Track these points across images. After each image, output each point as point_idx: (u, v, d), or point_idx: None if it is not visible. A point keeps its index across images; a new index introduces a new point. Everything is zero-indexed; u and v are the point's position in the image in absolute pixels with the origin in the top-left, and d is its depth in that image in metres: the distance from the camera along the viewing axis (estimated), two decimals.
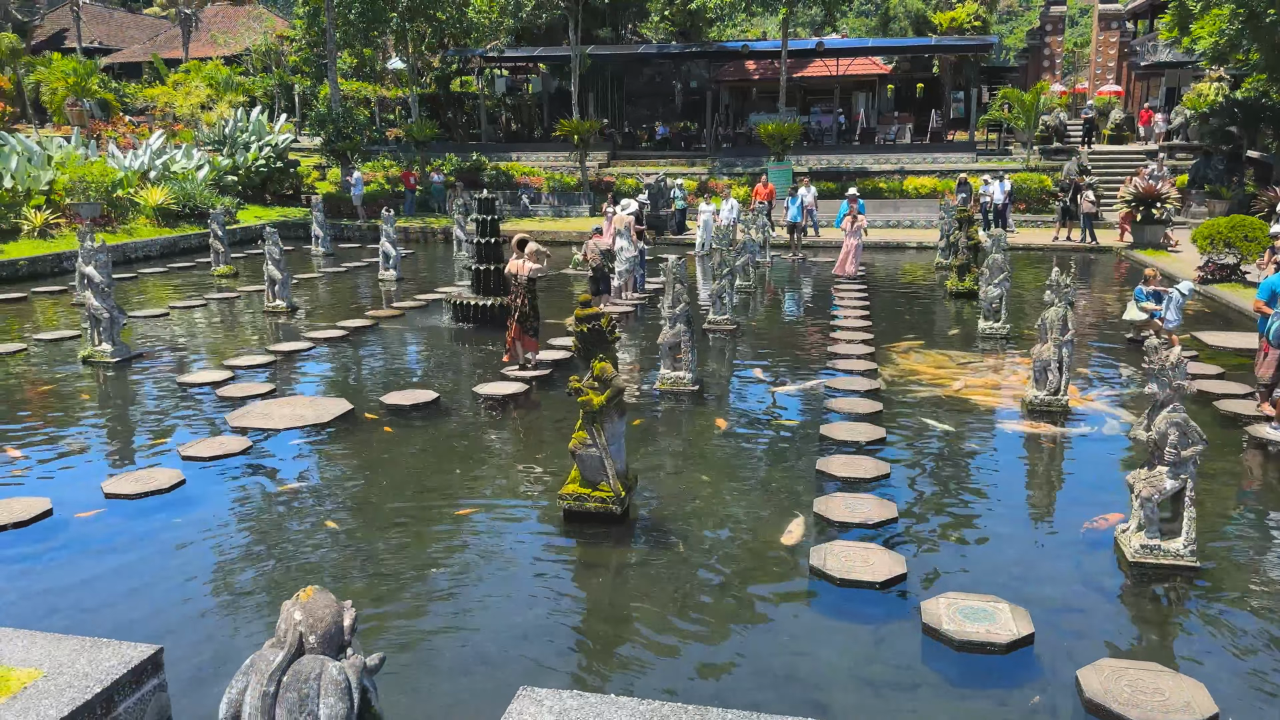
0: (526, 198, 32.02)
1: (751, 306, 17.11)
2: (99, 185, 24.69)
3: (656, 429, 9.79)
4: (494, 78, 43.29)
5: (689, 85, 44.17)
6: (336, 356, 13.03)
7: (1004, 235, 13.66)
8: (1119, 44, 42.58)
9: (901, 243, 25.45)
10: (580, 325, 7.26)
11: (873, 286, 18.69)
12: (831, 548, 6.51)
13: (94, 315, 12.30)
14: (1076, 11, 77.51)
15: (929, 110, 39.62)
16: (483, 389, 10.89)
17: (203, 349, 13.59)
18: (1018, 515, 7.49)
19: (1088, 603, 6.03)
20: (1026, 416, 9.84)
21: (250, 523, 7.32)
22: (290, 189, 33.02)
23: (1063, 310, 9.55)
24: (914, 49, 39.28)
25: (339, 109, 32.42)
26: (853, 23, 65.62)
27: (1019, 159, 31.78)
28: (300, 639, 3.77)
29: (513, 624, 5.78)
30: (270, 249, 15.88)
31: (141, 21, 58.33)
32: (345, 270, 21.71)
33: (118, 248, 22.18)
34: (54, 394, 11.16)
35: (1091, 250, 23.66)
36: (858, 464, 8.26)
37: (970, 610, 5.62)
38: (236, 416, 9.79)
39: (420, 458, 8.82)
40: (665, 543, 6.91)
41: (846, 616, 5.86)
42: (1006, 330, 13.54)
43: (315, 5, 32.91)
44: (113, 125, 36.37)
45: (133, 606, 5.96)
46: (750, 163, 32.75)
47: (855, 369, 11.67)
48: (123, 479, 7.99)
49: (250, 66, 45.05)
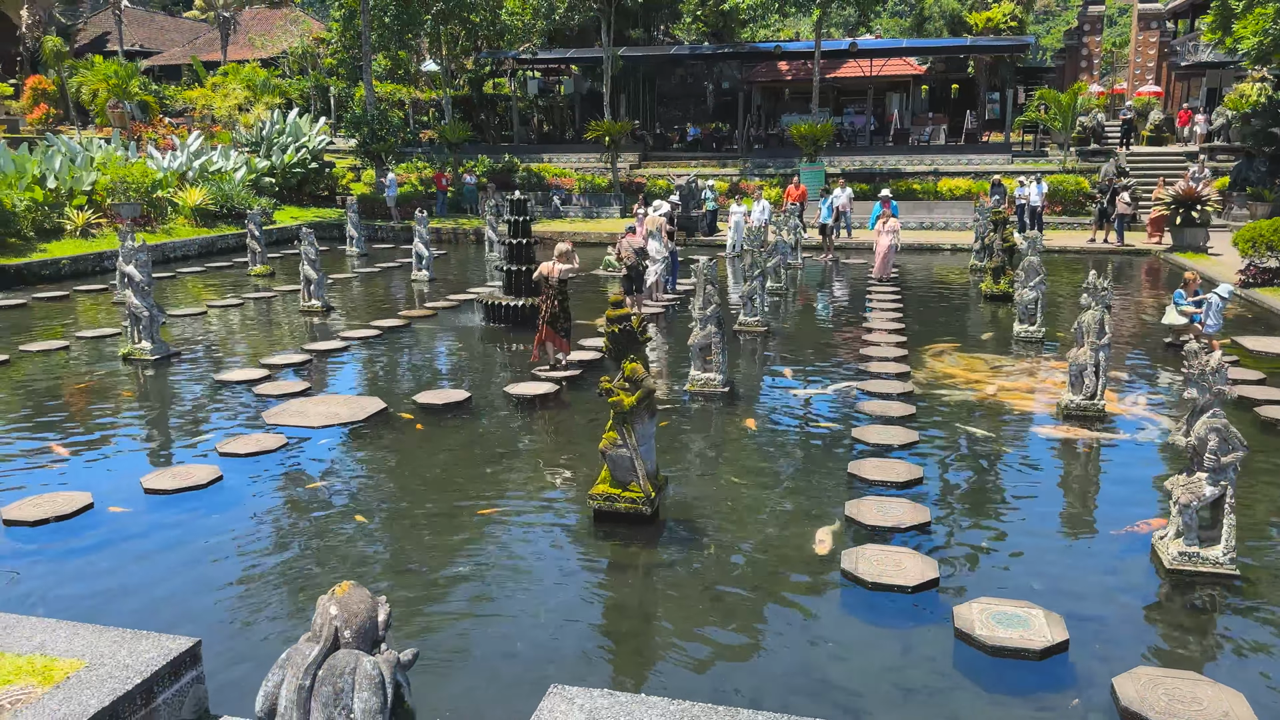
0: (558, 199, 32.14)
1: (783, 308, 17.05)
2: (139, 186, 25.13)
3: (687, 430, 9.79)
4: (526, 79, 43.51)
5: (721, 86, 44.11)
6: (370, 356, 13.16)
7: (1040, 238, 13.49)
8: (1159, 44, 41.91)
9: (935, 245, 25.23)
10: (611, 326, 7.28)
11: (906, 289, 18.54)
12: (863, 551, 6.48)
13: (134, 313, 12.52)
14: (1115, 11, 76.44)
15: (964, 111, 39.26)
16: (514, 389, 10.95)
17: (239, 347, 13.79)
18: (1052, 521, 7.40)
19: (1124, 610, 5.94)
20: (1062, 421, 9.71)
21: (285, 519, 7.42)
22: (326, 190, 33.40)
23: (1100, 314, 9.43)
24: (949, 49, 38.94)
25: (374, 111, 32.74)
26: (887, 23, 65.21)
27: (1055, 160, 31.37)
28: (336, 633, 3.82)
29: (543, 622, 5.81)
30: (306, 249, 16.08)
31: (181, 24, 59.29)
32: (379, 270, 21.92)
33: (157, 247, 22.56)
34: (95, 390, 11.38)
35: (1129, 253, 23.31)
36: (890, 467, 8.20)
37: (1004, 616, 5.57)
38: (273, 414, 9.92)
39: (452, 457, 8.89)
40: (695, 544, 6.91)
41: (878, 620, 5.83)
42: (1042, 334, 13.38)
43: (351, 8, 33.26)
44: (152, 127, 36.99)
45: (171, 599, 6.07)
46: (782, 164, 32.63)
47: (888, 372, 11.60)
48: (161, 474, 8.13)
49: (287, 69, 45.62)
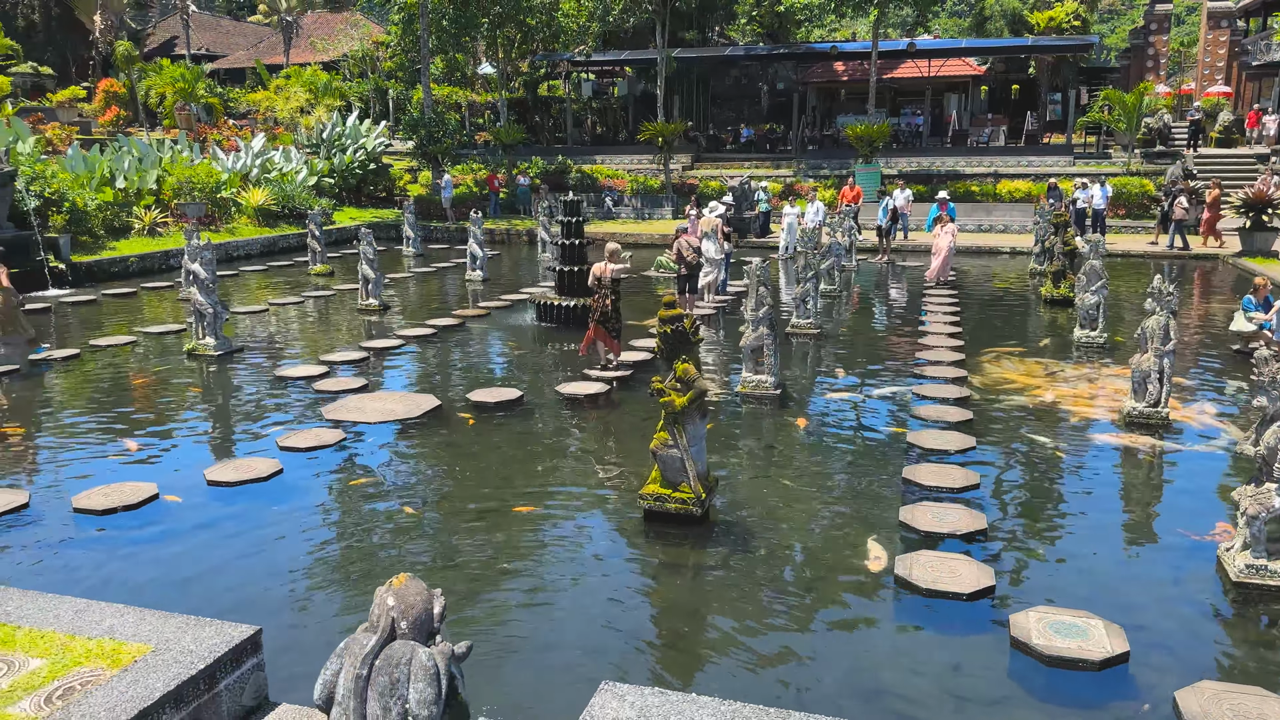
0: (610, 200, 32.26)
1: (836, 311, 16.90)
2: (204, 186, 25.81)
3: (738, 432, 9.76)
4: (580, 81, 43.76)
5: (775, 87, 43.89)
6: (425, 354, 13.35)
7: (1102, 241, 13.19)
8: (1229, 43, 40.70)
9: (994, 247, 24.81)
10: (663, 326, 7.29)
11: (964, 292, 18.26)
12: (917, 557, 6.40)
13: (199, 310, 12.86)
14: (1183, 10, 74.42)
15: (1024, 112, 38.53)
16: (565, 388, 11.02)
17: (299, 344, 14.08)
18: (1113, 530, 7.23)
19: (1187, 622, 5.79)
20: (1124, 428, 9.49)
21: (343, 511, 7.56)
22: (384, 191, 33.95)
23: (1164, 319, 9.18)
24: (1010, 49, 38.26)
25: (431, 114, 33.20)
26: (946, 23, 64.28)
27: (1119, 162, 30.63)
28: (393, 624, 3.89)
29: (593, 620, 5.84)
30: (364, 249, 16.37)
31: (245, 29, 60.75)
32: (434, 270, 22.22)
33: (220, 246, 23.14)
34: (161, 385, 11.72)
35: (1196, 257, 22.68)
36: (946, 473, 8.09)
37: (1061, 625, 5.46)
38: (331, 410, 10.12)
39: (504, 454, 8.98)
40: (746, 546, 6.89)
41: (932, 627, 5.75)
42: (1104, 339, 13.08)
43: (410, 12, 33.78)
44: (217, 128, 37.96)
45: (233, 588, 6.22)
46: (837, 165, 32.35)
47: (944, 376, 11.43)
48: (224, 467, 8.34)
49: (347, 72, 46.47)
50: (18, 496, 7.59)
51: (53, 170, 22.62)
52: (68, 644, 4.35)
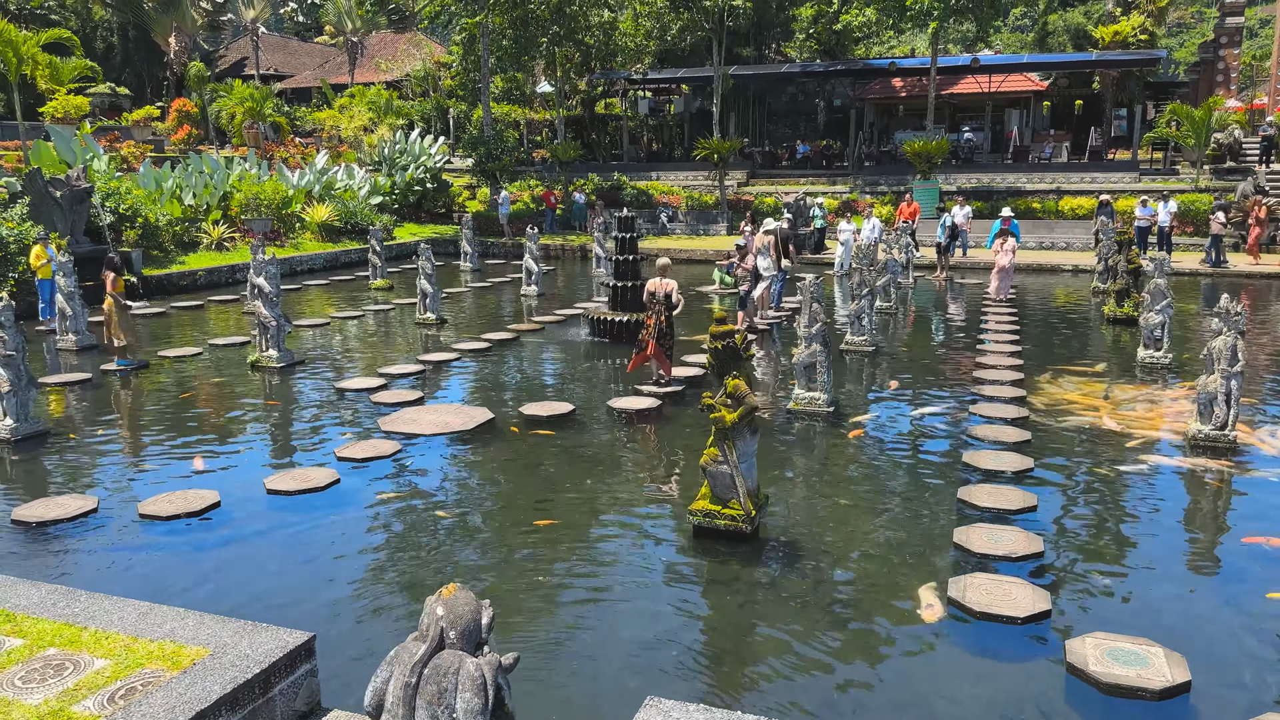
0: (664, 216, 32.38)
1: (892, 328, 16.72)
2: (270, 202, 26.54)
3: (790, 449, 9.70)
4: (637, 99, 44.10)
5: (832, 103, 43.71)
6: (480, 367, 13.52)
7: (1167, 260, 12.86)
8: None
9: (1056, 265, 24.32)
10: (714, 342, 7.30)
11: (1024, 310, 17.93)
12: (971, 580, 6.28)
13: (263, 323, 13.21)
14: (1256, 23, 72.32)
15: (1088, 127, 37.76)
16: (617, 403, 11.07)
17: (359, 357, 14.37)
18: (1175, 555, 7.02)
19: (1253, 652, 5.59)
20: (1189, 451, 9.21)
21: (396, 521, 7.69)
22: (443, 207, 34.54)
23: (1232, 340, 8.91)
24: (1074, 64, 37.58)
25: (490, 131, 33.74)
26: (1007, 38, 63.40)
27: (1187, 179, 29.83)
28: (441, 634, 3.94)
29: (640, 634, 5.85)
30: (423, 264, 16.67)
31: (313, 49, 62.43)
32: (490, 285, 22.52)
33: (285, 261, 23.74)
34: (225, 395, 12.05)
35: (1268, 276, 21.95)
36: (1003, 494, 7.93)
37: (1120, 652, 5.31)
38: (388, 421, 10.30)
39: (555, 467, 9.04)
40: (796, 564, 6.84)
41: (985, 652, 5.64)
42: (1169, 359, 12.73)
43: (471, 33, 34.42)
44: (284, 146, 39.01)
45: (289, 595, 6.37)
46: (894, 181, 32.06)
47: (1003, 395, 11.23)
48: (283, 476, 8.54)
49: (409, 91, 47.44)
50: (87, 502, 7.86)
51: (126, 187, 23.48)
52: (131, 645, 4.50)
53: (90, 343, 14.54)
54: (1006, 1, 34.65)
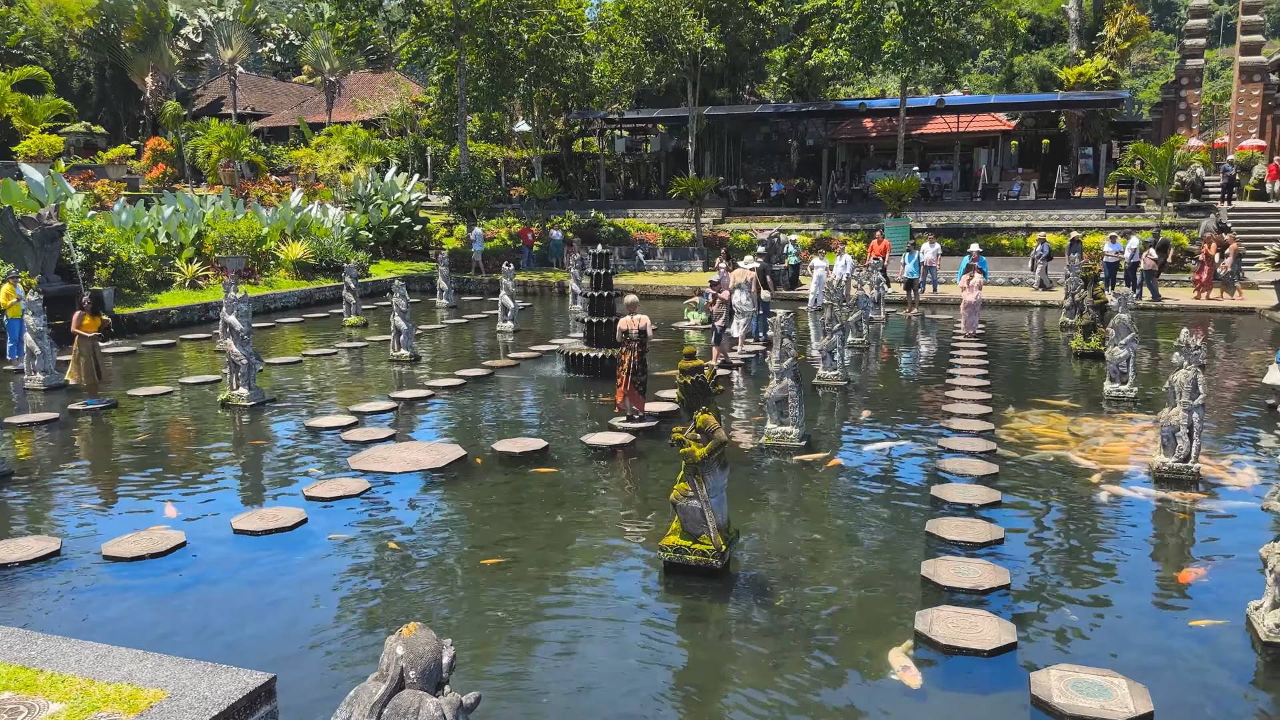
0: (641, 253, 32.64)
1: (864, 363, 16.87)
2: (245, 240, 26.49)
3: (761, 483, 9.73)
4: (614, 138, 44.56)
5: (805, 142, 44.36)
6: (454, 404, 13.50)
7: (1131, 295, 13.10)
8: (1262, 97, 40.53)
9: (1025, 300, 24.67)
10: (684, 377, 7.36)
11: (993, 345, 18.16)
12: (938, 613, 6.31)
13: (234, 361, 13.14)
14: (1217, 64, 74.32)
15: (1055, 166, 38.53)
16: (591, 438, 11.08)
17: (331, 395, 14.30)
18: (1140, 587, 7.09)
19: (1215, 683, 5.64)
20: (1154, 484, 9.33)
21: (362, 561, 7.62)
22: (419, 244, 34.61)
23: (1192, 373, 9.08)
24: (1040, 105, 38.39)
25: (467, 169, 33.95)
26: (976, 79, 64.68)
27: (1152, 215, 30.46)
28: (401, 673, 3.92)
29: (609, 673, 5.82)
30: (397, 301, 16.68)
31: (290, 89, 62.67)
32: (466, 322, 22.53)
33: (258, 299, 23.67)
34: (194, 434, 11.95)
35: (1232, 311, 22.39)
36: (970, 527, 8.00)
37: (1084, 684, 5.35)
38: (358, 460, 10.25)
39: (526, 504, 9.02)
40: (766, 600, 6.84)
41: (952, 685, 5.66)
42: (1135, 393, 12.92)
43: (448, 73, 34.75)
44: (260, 184, 39.04)
45: (249, 635, 6.29)
46: (866, 219, 32.50)
47: (971, 429, 11.34)
48: (251, 516, 8.46)
49: (387, 129, 47.70)
50: (50, 544, 7.74)
51: (99, 225, 23.38)
52: (87, 689, 4.44)
53: (58, 382, 14.39)
54: (974, 44, 35.45)
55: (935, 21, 30.65)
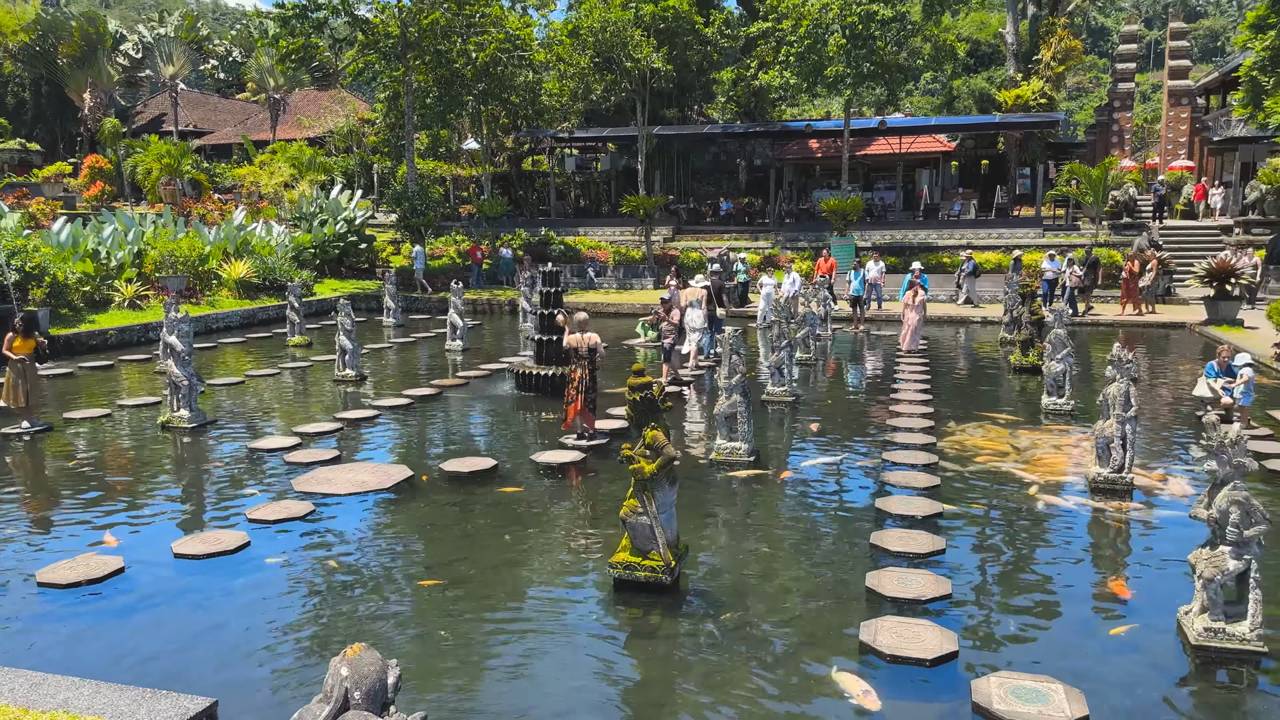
0: (592, 271, 32.73)
1: (812, 379, 17.10)
2: (187, 259, 26.00)
3: (711, 499, 9.80)
4: (564, 157, 44.70)
5: (753, 162, 44.93)
6: (401, 424, 13.38)
7: (1065, 311, 13.49)
8: (1190, 119, 42.11)
9: (966, 317, 25.22)
10: (632, 394, 7.41)
11: (935, 360, 18.53)
12: (882, 623, 6.43)
13: (174, 382, 12.89)
14: (1149, 88, 76.99)
15: (994, 186, 39.54)
16: (540, 457, 11.07)
17: (274, 416, 14.08)
18: (1077, 594, 7.28)
19: (1148, 686, 5.82)
20: (1089, 494, 9.60)
21: (307, 583, 7.52)
22: (366, 263, 34.29)
23: (1125, 386, 9.38)
24: (979, 126, 39.39)
25: (414, 187, 33.75)
26: (918, 101, 66.20)
27: (1087, 234, 31.39)
28: (346, 694, 3.90)
29: (558, 691, 5.82)
30: (342, 320, 16.50)
31: (234, 106, 61.82)
32: (414, 341, 22.35)
33: (201, 319, 23.23)
34: (133, 457, 11.67)
35: (1164, 325, 23.12)
36: (913, 538, 8.15)
37: (1023, 690, 5.49)
38: (301, 482, 10.11)
39: (475, 524, 8.97)
40: (715, 614, 6.89)
41: (896, 694, 5.75)
42: (1071, 406, 13.28)
43: (395, 90, 34.56)
44: (202, 203, 38.38)
45: (192, 660, 6.16)
46: (813, 237, 33.00)
47: (914, 442, 11.56)
48: (191, 540, 8.30)
49: (333, 147, 47.26)
50: None
51: (35, 244, 22.78)
52: (21, 718, 4.32)
53: None
54: (915, 68, 36.29)
55: (877, 45, 31.35)
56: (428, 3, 31.54)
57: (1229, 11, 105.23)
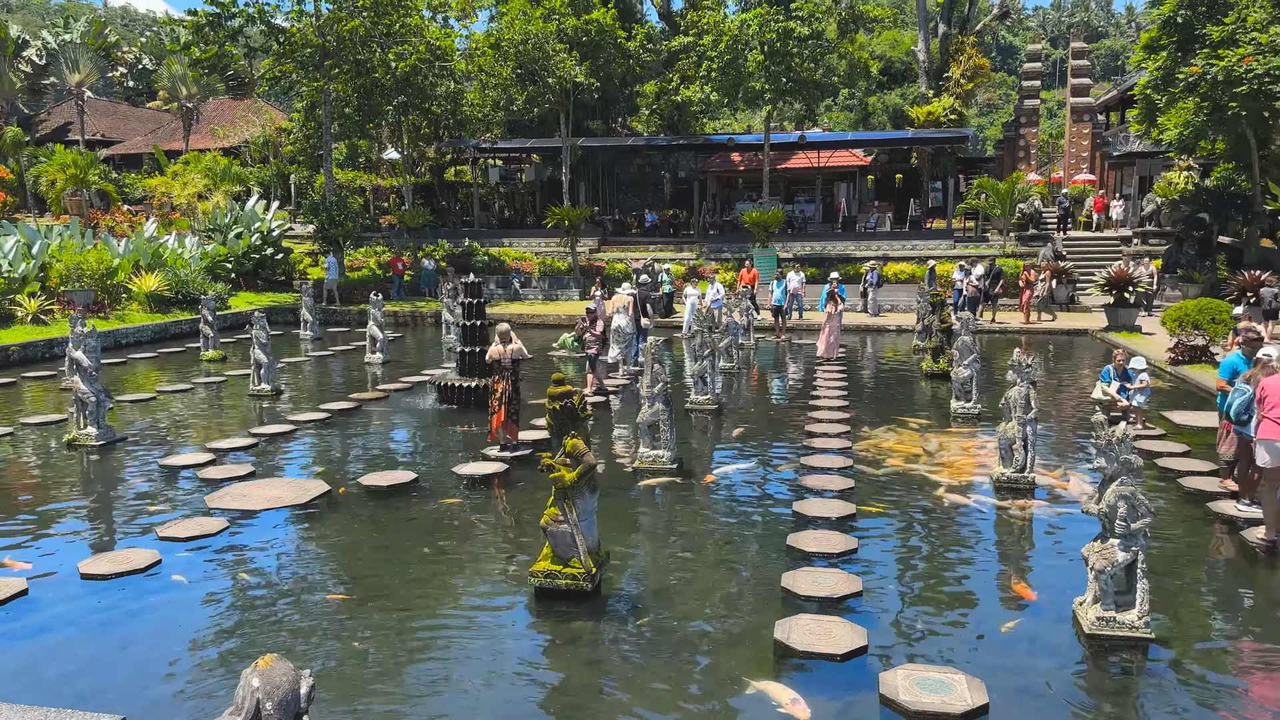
0: (517, 282, 32.65)
1: (734, 387, 17.38)
2: (94, 272, 25.12)
3: (633, 506, 9.91)
4: (488, 167, 44.48)
5: (677, 175, 45.40)
6: (318, 439, 13.17)
7: (972, 318, 14.03)
8: (1092, 135, 44.01)
9: (882, 326, 25.92)
10: (552, 403, 7.47)
11: (852, 368, 19.02)
12: (796, 621, 6.61)
13: (81, 399, 12.47)
14: (1054, 104, 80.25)
15: (908, 199, 40.71)
16: (463, 469, 11.03)
17: (186, 432, 13.72)
18: (980, 588, 7.60)
19: (1045, 674, 6.12)
20: (994, 493, 10.01)
21: (220, 600, 7.38)
22: (283, 275, 33.60)
23: (1025, 389, 9.81)
24: (892, 141, 40.53)
25: (333, 197, 33.22)
26: (836, 117, 67.74)
27: (996, 245, 32.56)
28: (257, 706, 3.87)
29: (478, 702, 5.84)
30: (257, 333, 16.16)
31: (144, 114, 59.88)
32: (332, 354, 21.98)
33: (110, 334, 22.47)
34: (38, 477, 11.26)
35: (1069, 333, 24.12)
36: (827, 539, 8.39)
37: (927, 681, 5.72)
38: (215, 498, 9.89)
39: (394, 537, 8.91)
40: (637, 619, 6.99)
41: (808, 689, 5.92)
42: (979, 410, 13.80)
43: (313, 99, 33.99)
44: (111, 214, 37.11)
45: (99, 680, 6.01)
46: (737, 249, 33.50)
47: (831, 447, 11.87)
48: (99, 559, 8.06)
49: (248, 157, 46.20)
50: None
51: None
52: None
53: None
54: (832, 84, 37.18)
55: (795, 62, 32.05)
56: (346, 12, 31.13)
57: (1128, 32, 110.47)
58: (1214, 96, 23.76)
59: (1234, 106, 23.35)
